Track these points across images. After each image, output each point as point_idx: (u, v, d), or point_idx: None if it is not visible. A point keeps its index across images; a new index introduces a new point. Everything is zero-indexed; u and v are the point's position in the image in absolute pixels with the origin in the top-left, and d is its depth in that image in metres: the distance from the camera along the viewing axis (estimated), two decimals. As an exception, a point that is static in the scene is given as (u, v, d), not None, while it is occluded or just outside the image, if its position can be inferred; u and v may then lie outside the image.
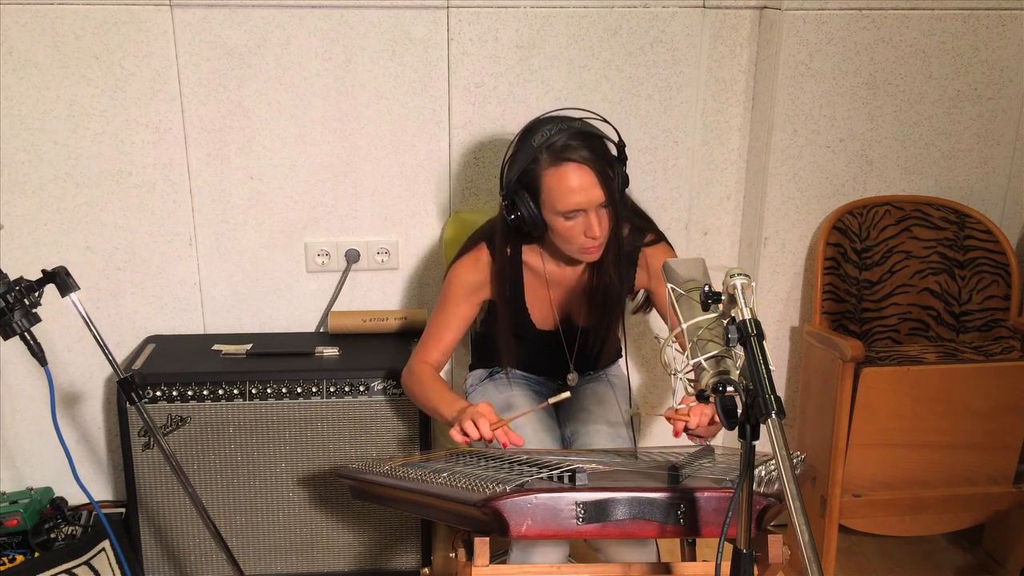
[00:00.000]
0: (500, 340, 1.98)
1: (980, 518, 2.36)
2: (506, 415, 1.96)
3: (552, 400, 1.75)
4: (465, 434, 1.68)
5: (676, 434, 1.71)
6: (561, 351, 2.03)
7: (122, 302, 2.41)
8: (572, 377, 2.06)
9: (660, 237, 1.95)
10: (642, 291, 2.03)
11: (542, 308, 1.98)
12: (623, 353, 2.25)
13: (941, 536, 2.58)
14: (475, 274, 1.91)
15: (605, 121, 1.82)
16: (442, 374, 2.55)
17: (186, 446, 2.19)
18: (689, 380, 1.29)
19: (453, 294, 1.93)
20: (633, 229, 1.92)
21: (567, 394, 1.74)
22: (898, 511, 2.27)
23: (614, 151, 1.81)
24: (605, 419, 1.98)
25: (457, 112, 2.35)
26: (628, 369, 2.15)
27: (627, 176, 1.82)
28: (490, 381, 2.12)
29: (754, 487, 1.26)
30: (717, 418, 1.49)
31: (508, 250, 1.91)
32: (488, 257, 1.91)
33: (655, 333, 2.50)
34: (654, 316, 2.43)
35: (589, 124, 1.78)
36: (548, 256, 1.93)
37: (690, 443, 1.73)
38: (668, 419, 1.72)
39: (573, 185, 1.71)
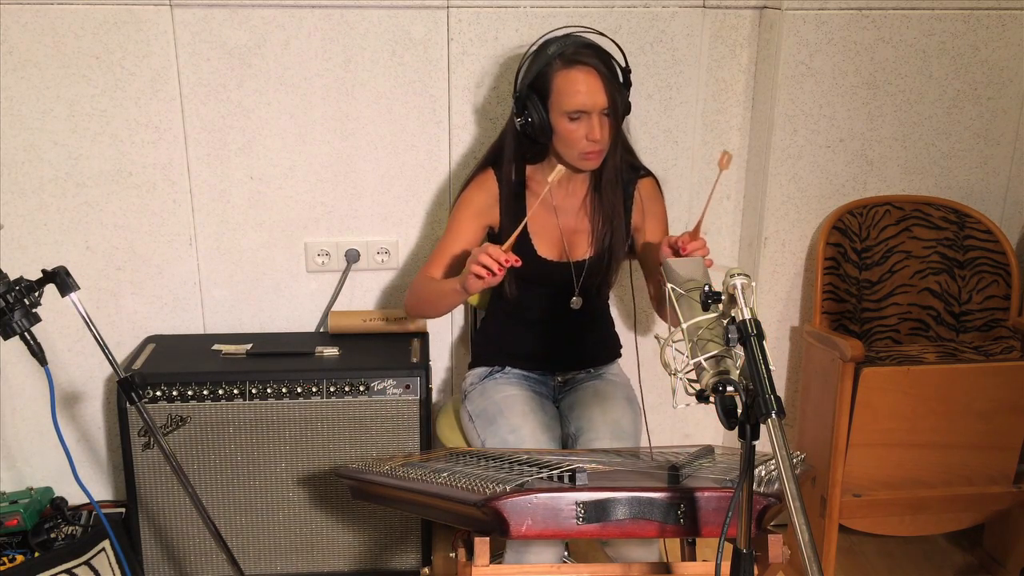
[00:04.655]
0: (505, 287, 2.03)
1: (980, 518, 2.36)
2: (503, 414, 1.97)
3: (551, 177, 1.77)
4: (483, 276, 1.73)
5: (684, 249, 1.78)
6: (565, 294, 2.07)
7: (122, 302, 2.41)
8: (576, 300, 2.08)
9: (648, 172, 2.11)
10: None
11: (546, 236, 2.04)
12: (621, 353, 2.26)
13: (941, 536, 2.58)
14: (481, 195, 2.03)
15: (616, 45, 2.01)
16: (443, 372, 2.58)
17: (186, 446, 2.19)
18: (689, 380, 1.29)
19: (459, 215, 2.05)
20: (625, 163, 2.05)
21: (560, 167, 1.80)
22: (898, 511, 2.27)
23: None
24: (607, 416, 1.98)
25: (457, 112, 2.35)
26: (638, 354, 2.20)
27: (629, 104, 1.97)
28: (489, 380, 2.12)
29: (754, 487, 1.26)
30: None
31: (513, 171, 2.02)
32: (494, 180, 2.02)
33: (655, 333, 2.50)
34: (655, 319, 2.43)
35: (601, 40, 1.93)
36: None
37: (690, 443, 1.74)
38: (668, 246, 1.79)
39: (580, 87, 1.86)
